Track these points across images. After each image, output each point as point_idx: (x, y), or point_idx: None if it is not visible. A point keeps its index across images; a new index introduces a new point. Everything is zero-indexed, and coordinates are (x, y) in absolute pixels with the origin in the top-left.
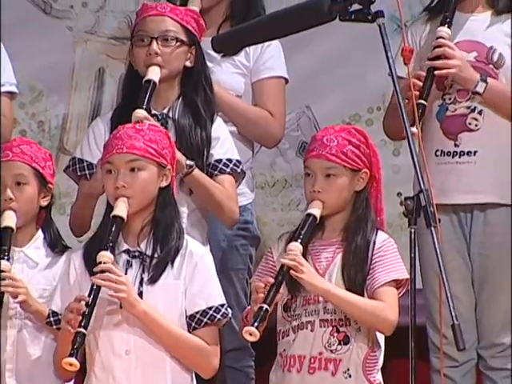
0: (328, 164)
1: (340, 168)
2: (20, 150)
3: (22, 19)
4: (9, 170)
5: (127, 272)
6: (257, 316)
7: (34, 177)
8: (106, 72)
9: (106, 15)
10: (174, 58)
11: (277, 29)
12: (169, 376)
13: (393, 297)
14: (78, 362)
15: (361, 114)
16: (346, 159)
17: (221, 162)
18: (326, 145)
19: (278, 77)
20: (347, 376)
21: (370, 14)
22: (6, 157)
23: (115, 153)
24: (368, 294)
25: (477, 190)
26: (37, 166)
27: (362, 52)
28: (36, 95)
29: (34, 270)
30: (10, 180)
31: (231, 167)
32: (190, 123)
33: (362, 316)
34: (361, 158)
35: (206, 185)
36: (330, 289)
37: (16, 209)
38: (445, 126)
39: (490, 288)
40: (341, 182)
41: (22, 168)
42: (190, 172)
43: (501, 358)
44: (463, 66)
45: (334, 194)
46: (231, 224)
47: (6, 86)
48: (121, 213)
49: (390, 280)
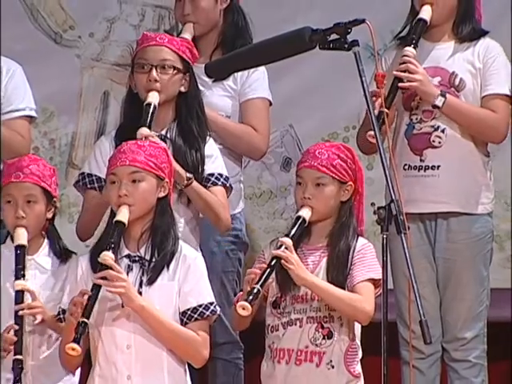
0: (318, 174)
1: (329, 178)
2: (29, 170)
3: (36, 48)
4: (20, 190)
5: (128, 275)
6: (249, 293)
7: (42, 195)
8: (111, 95)
9: (111, 44)
10: (170, 84)
11: (263, 56)
12: (165, 369)
13: (369, 291)
14: (79, 348)
15: (338, 132)
16: (334, 171)
17: (213, 175)
18: (317, 157)
19: (262, 98)
20: (330, 367)
21: (346, 43)
22: (17, 177)
23: (119, 165)
24: (348, 291)
25: (440, 201)
26: (45, 185)
27: (339, 77)
28: (48, 116)
29: (45, 276)
30: (22, 199)
31: (222, 181)
32: (185, 144)
33: (342, 306)
34: (347, 172)
35: (203, 195)
36: (314, 281)
37: (27, 225)
38: (412, 143)
39: (453, 288)
40: (329, 191)
41: (33, 188)
42: (189, 183)
43: (463, 350)
44: (424, 80)
45: (322, 201)
46: (225, 230)
47: (26, 111)
48: (123, 218)
49: (368, 278)
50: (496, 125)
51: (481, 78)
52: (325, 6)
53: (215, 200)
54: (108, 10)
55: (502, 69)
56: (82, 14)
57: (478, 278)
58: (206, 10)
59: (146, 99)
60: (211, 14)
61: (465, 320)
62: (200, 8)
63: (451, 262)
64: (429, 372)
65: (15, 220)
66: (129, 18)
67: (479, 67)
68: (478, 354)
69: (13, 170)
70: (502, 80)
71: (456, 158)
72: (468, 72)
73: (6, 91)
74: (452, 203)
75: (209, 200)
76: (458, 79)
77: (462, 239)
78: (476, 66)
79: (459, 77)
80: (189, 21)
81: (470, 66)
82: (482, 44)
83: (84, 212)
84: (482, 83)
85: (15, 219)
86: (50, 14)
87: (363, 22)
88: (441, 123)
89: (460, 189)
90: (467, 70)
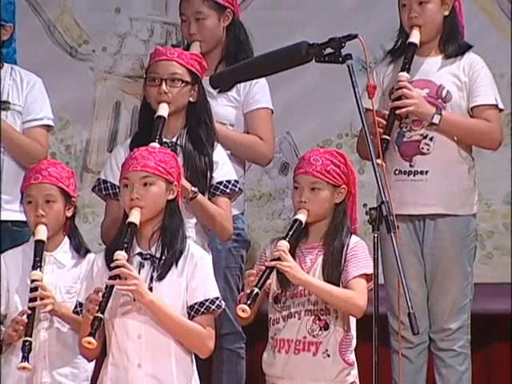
0: (313, 179)
1: (323, 183)
2: (48, 172)
3: (53, 61)
4: (40, 190)
5: (140, 271)
6: (249, 296)
7: (60, 194)
8: (122, 105)
9: (122, 58)
10: (179, 96)
11: (264, 68)
12: (173, 357)
13: (362, 287)
14: (95, 341)
15: (332, 139)
16: (328, 176)
17: (221, 183)
18: (312, 164)
19: (265, 108)
20: (326, 356)
21: (340, 56)
22: (36, 179)
23: (131, 170)
24: (342, 286)
25: (428, 203)
26: (62, 185)
27: (332, 88)
28: (64, 124)
29: (62, 270)
30: (41, 199)
31: (230, 187)
32: (195, 149)
33: (336, 302)
34: (340, 176)
35: (208, 208)
36: (309, 280)
37: (46, 223)
38: (402, 150)
39: (440, 283)
40: (323, 195)
41: (51, 189)
42: (194, 197)
43: (448, 340)
44: (420, 103)
45: (318, 204)
46: (227, 240)
47: (44, 120)
48: (135, 220)
49: (361, 274)
50: (493, 133)
51: (467, 91)
52: (320, 23)
53: (219, 212)
54: (119, 26)
55: (487, 81)
56: (95, 29)
57: (463, 273)
58: (211, 29)
59: (157, 110)
60: (215, 32)
61: (450, 312)
62: (205, 27)
63: (438, 258)
64: (417, 360)
65: (36, 218)
66: (139, 34)
67: (465, 80)
68: (462, 344)
69: (33, 174)
70: (489, 91)
71: (443, 163)
72: (454, 85)
73: (26, 102)
74: (439, 205)
75: (212, 212)
76: (445, 91)
77: (448, 238)
78: (461, 79)
79: (446, 89)
80: (195, 40)
81: (455, 79)
82: (466, 59)
83: (105, 218)
84: (470, 95)
85: (35, 218)
86: (66, 30)
87: (356, 37)
88: (429, 132)
89: (447, 192)
90: (453, 82)
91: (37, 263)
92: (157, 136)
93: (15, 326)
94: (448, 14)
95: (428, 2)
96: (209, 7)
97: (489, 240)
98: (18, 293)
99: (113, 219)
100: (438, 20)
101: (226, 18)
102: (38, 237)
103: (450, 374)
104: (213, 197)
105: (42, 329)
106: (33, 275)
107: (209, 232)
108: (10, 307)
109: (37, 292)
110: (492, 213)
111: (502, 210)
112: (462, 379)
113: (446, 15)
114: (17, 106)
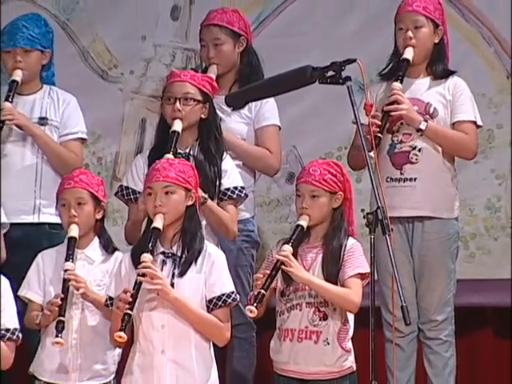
0: (313, 188)
1: (321, 191)
2: (79, 179)
3: (87, 83)
4: (72, 194)
5: (163, 268)
6: (255, 298)
7: (90, 198)
8: (147, 121)
9: (147, 80)
10: (192, 113)
11: (273, 89)
12: (193, 344)
13: (358, 285)
14: (125, 335)
15: (333, 152)
16: (326, 184)
17: (229, 189)
18: (311, 174)
19: (274, 125)
20: (326, 344)
21: (341, 78)
22: (69, 185)
23: (154, 181)
24: (340, 283)
25: (416, 207)
26: (92, 189)
27: (333, 106)
28: (96, 138)
29: (92, 266)
30: (73, 202)
31: (237, 193)
32: (206, 160)
33: (334, 299)
34: (337, 184)
35: (216, 212)
36: (311, 279)
37: (78, 223)
38: (393, 160)
39: (427, 279)
40: (322, 201)
41: (82, 193)
42: (204, 202)
43: (435, 330)
44: (410, 109)
45: (317, 209)
46: (231, 239)
47: (78, 134)
48: (158, 225)
49: (356, 273)
50: (468, 144)
51: (450, 108)
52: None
53: (226, 216)
54: (145, 52)
55: (468, 100)
56: (124, 55)
57: (447, 270)
58: (227, 54)
59: (171, 126)
60: (231, 57)
61: (436, 305)
62: (222, 52)
63: (425, 257)
64: (407, 348)
65: (69, 219)
66: (162, 59)
67: (449, 99)
68: (447, 333)
69: (66, 180)
70: (469, 109)
71: (430, 172)
72: (440, 103)
73: (62, 118)
74: (426, 209)
75: (220, 216)
76: (432, 108)
77: (434, 238)
78: (447, 98)
79: (433, 106)
80: (213, 63)
81: (441, 98)
82: (451, 80)
83: (128, 221)
84: (452, 112)
85: (69, 218)
86: (98, 56)
87: (355, 61)
88: (418, 144)
89: (433, 197)
90: (439, 101)
91: (69, 256)
92: (171, 148)
93: (50, 307)
94: (437, 42)
95: (423, 27)
96: (225, 34)
97: (472, 241)
98: (52, 284)
99: (133, 221)
100: (428, 45)
101: (241, 45)
102: (70, 234)
103: (437, 360)
104: (221, 201)
105: (74, 316)
106: (66, 266)
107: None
108: (46, 297)
109: (71, 276)
110: (474, 217)
111: (483, 214)
112: (448, 364)
113: (435, 42)
114: (54, 121)
